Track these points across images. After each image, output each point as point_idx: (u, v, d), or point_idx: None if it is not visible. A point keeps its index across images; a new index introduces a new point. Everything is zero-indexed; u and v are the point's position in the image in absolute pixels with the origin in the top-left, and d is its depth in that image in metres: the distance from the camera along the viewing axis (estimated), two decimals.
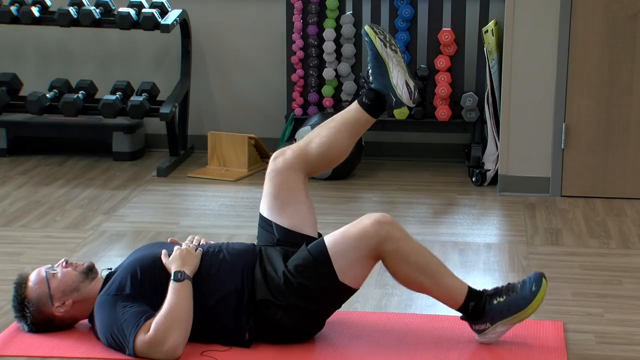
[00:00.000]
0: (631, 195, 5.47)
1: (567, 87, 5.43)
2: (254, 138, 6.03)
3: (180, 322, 3.41)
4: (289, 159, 3.64)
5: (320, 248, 3.48)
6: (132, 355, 3.40)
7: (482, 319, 3.54)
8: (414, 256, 3.50)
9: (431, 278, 3.51)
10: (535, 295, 3.50)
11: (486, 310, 3.53)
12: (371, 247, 3.48)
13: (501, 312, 3.52)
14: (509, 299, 3.52)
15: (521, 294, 3.52)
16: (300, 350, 3.53)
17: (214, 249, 3.63)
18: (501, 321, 3.53)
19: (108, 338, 3.47)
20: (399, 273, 3.54)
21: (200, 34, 6.43)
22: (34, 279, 3.58)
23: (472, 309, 3.53)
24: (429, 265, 3.52)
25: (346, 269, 3.47)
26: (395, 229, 3.50)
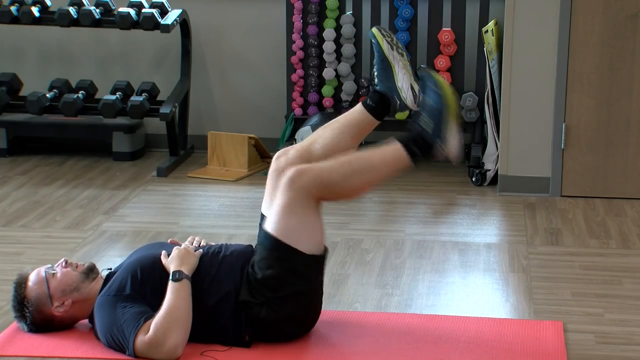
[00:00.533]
0: (631, 195, 5.47)
1: (567, 87, 5.43)
2: (254, 138, 6.03)
3: (180, 322, 3.41)
4: (292, 159, 3.61)
5: (266, 235, 3.48)
6: (133, 355, 3.40)
7: (432, 143, 3.49)
8: (336, 172, 3.47)
9: (367, 169, 3.50)
10: (440, 89, 3.48)
11: (425, 136, 3.49)
12: (302, 203, 3.45)
13: (436, 125, 3.48)
14: (428, 111, 3.49)
15: (431, 99, 3.49)
16: (300, 350, 3.53)
17: (214, 250, 3.64)
18: (444, 131, 3.48)
19: (108, 338, 3.47)
20: (342, 194, 3.54)
21: (200, 34, 6.43)
22: (34, 278, 3.58)
23: (420, 146, 3.50)
24: (354, 165, 3.49)
25: (298, 238, 3.45)
26: (306, 173, 3.45)
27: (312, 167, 3.49)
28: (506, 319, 3.85)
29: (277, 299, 3.47)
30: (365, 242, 4.75)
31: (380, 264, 4.47)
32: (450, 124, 3.52)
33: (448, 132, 3.51)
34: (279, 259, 3.46)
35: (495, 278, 4.33)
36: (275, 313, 3.47)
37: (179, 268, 3.51)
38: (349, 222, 5.08)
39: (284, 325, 3.52)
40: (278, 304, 3.47)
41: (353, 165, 3.52)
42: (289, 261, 3.46)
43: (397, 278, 4.29)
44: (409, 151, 3.53)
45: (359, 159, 3.55)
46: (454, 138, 3.53)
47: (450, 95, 3.53)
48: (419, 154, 3.53)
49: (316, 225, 3.51)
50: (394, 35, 3.70)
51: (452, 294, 4.16)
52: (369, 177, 3.54)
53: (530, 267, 4.43)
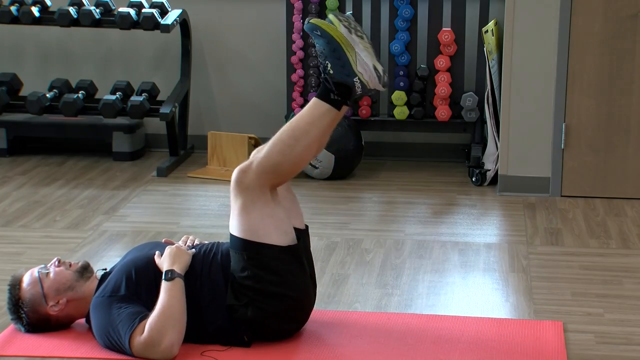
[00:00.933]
0: (631, 195, 5.47)
1: (567, 87, 5.43)
2: (254, 138, 6.03)
3: (174, 321, 3.41)
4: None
5: (233, 238, 3.50)
6: (131, 355, 3.40)
7: (344, 83, 3.45)
8: (275, 153, 3.46)
9: (300, 136, 3.46)
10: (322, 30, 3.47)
11: (335, 79, 3.44)
12: (256, 199, 3.46)
13: (338, 64, 3.44)
14: (324, 56, 3.46)
15: (319, 44, 3.47)
16: (300, 350, 3.53)
17: (206, 248, 3.63)
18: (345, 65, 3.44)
19: (105, 340, 3.47)
20: (290, 171, 3.51)
21: (200, 34, 6.43)
22: (27, 279, 3.59)
23: (334, 92, 3.46)
24: (286, 139, 3.47)
25: (264, 232, 3.45)
26: (248, 170, 3.47)
27: (252, 162, 3.49)
28: (506, 319, 3.85)
29: (260, 298, 3.46)
30: (365, 242, 4.75)
31: (380, 264, 4.47)
32: (350, 57, 3.47)
33: (352, 65, 3.47)
34: (250, 258, 3.46)
35: (495, 278, 4.33)
36: (262, 311, 3.47)
37: (171, 267, 3.51)
38: (349, 222, 5.08)
39: (274, 322, 3.51)
40: (262, 302, 3.46)
41: (285, 140, 3.48)
42: (260, 258, 3.45)
43: (397, 278, 4.29)
44: (328, 101, 3.47)
45: (288, 130, 3.49)
46: (361, 67, 3.48)
47: (335, 32, 3.49)
48: (339, 99, 3.48)
49: (278, 214, 3.49)
50: (351, 19, 3.58)
51: (452, 294, 4.16)
52: (305, 143, 3.47)
53: (530, 267, 4.43)
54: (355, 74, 3.48)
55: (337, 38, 3.50)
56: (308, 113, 3.50)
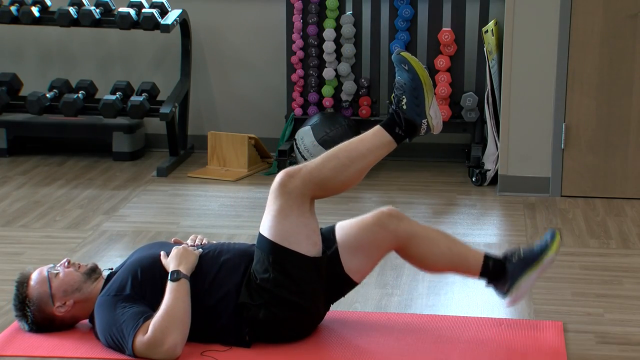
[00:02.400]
0: (631, 195, 5.47)
1: (567, 87, 5.43)
2: (254, 138, 6.03)
3: (178, 322, 3.41)
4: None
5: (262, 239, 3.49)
6: (132, 355, 3.40)
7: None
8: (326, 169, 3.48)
9: (356, 159, 3.50)
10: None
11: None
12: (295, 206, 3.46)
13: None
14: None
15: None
16: (300, 350, 3.53)
17: (215, 249, 3.63)
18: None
19: (107, 338, 3.47)
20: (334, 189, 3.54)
21: (200, 34, 6.43)
22: (36, 278, 3.58)
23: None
24: (342, 158, 3.50)
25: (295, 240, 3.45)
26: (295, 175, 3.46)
27: (301, 168, 3.49)
28: (506, 319, 3.85)
29: (275, 302, 3.46)
30: None
31: (380, 264, 4.46)
32: (427, 98, 3.53)
33: (426, 107, 3.54)
34: (275, 262, 3.46)
35: None
36: (274, 315, 3.47)
37: (177, 268, 3.51)
38: None
39: (282, 327, 3.52)
40: (276, 307, 3.47)
41: (341, 158, 3.51)
42: (284, 264, 3.45)
43: (397, 278, 4.29)
44: (392, 134, 3.55)
45: (346, 150, 3.53)
46: (433, 111, 3.56)
47: (422, 71, 3.54)
48: (402, 135, 3.56)
49: (311, 225, 3.51)
50: None
51: (452, 294, 4.15)
52: (358, 167, 3.53)
53: None
54: (425, 116, 3.56)
55: (422, 78, 3.56)
56: (369, 139, 3.56)
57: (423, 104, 3.54)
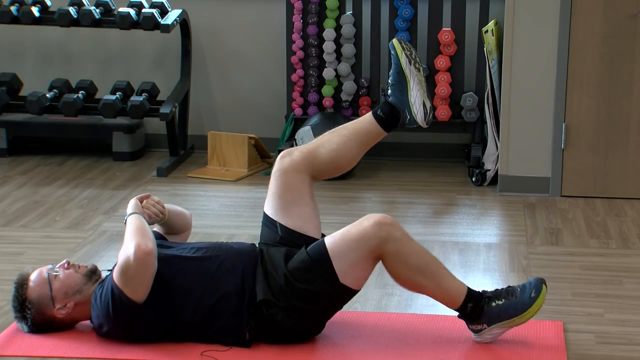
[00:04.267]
0: (631, 195, 5.47)
1: (567, 87, 5.43)
2: (254, 138, 6.03)
3: (134, 237, 3.43)
4: (296, 160, 3.63)
5: (320, 250, 3.48)
6: (120, 294, 3.40)
7: (479, 320, 3.54)
8: (414, 258, 3.50)
9: (431, 280, 3.51)
10: (534, 301, 3.51)
11: (484, 311, 3.53)
12: (371, 249, 3.47)
13: (499, 315, 3.52)
14: (508, 302, 3.53)
15: (520, 299, 3.52)
16: (301, 350, 3.53)
17: (213, 248, 3.63)
18: (498, 324, 3.53)
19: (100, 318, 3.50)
20: (398, 274, 3.54)
21: (200, 34, 6.43)
22: (36, 279, 3.58)
23: (470, 310, 3.53)
24: (428, 267, 3.52)
25: (347, 270, 3.46)
26: (396, 230, 3.50)
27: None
28: None
29: (299, 310, 3.47)
30: None
31: (380, 264, 4.46)
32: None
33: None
34: (323, 278, 3.46)
35: (495, 278, 4.33)
36: (291, 320, 3.47)
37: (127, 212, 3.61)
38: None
39: (290, 334, 3.53)
40: (298, 313, 3.47)
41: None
42: (328, 284, 3.46)
43: None
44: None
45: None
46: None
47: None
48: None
49: (367, 271, 3.53)
50: (414, 49, 3.69)
51: None
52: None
53: (530, 267, 4.43)
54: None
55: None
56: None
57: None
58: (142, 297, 3.43)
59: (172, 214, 3.83)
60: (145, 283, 3.42)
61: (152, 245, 3.44)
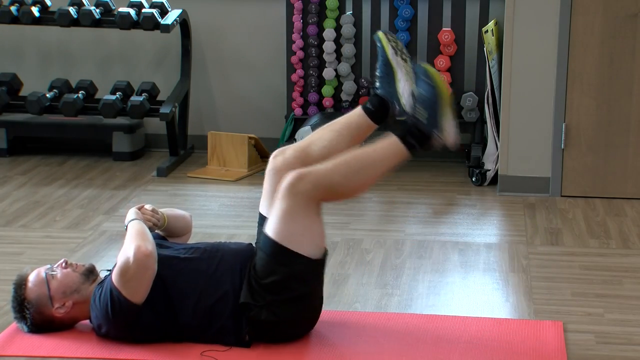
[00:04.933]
0: (631, 195, 5.47)
1: (567, 87, 5.43)
2: (254, 138, 6.03)
3: (134, 240, 3.45)
4: (289, 159, 3.62)
5: (268, 242, 3.47)
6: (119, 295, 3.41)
7: (428, 134, 3.50)
8: (337, 174, 3.46)
9: (367, 167, 3.49)
10: (433, 79, 3.48)
11: (421, 127, 3.50)
12: (303, 208, 3.44)
13: (431, 115, 3.48)
14: (422, 101, 3.49)
15: (423, 90, 3.49)
16: (301, 350, 3.53)
17: (211, 248, 3.63)
18: (439, 121, 3.49)
19: (99, 319, 3.50)
20: (343, 194, 3.53)
21: (200, 34, 6.43)
22: (34, 279, 3.58)
23: (415, 137, 3.51)
24: (353, 165, 3.48)
25: (301, 242, 3.45)
26: (306, 177, 3.44)
27: (312, 171, 3.48)
28: (506, 319, 3.85)
29: (278, 303, 3.46)
30: (365, 242, 4.75)
31: (380, 264, 4.47)
32: (445, 112, 3.52)
33: (443, 120, 3.52)
34: (282, 264, 3.45)
35: (495, 278, 4.33)
36: (276, 315, 3.47)
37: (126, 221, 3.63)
38: (349, 222, 5.08)
39: (283, 327, 3.52)
40: (279, 307, 3.47)
41: (352, 164, 3.51)
42: (291, 266, 3.45)
43: (397, 278, 4.29)
44: (406, 144, 3.54)
45: (358, 157, 3.54)
46: (449, 125, 3.55)
47: (442, 84, 3.54)
48: (416, 146, 3.55)
49: (318, 229, 3.51)
50: (399, 41, 3.67)
51: (452, 294, 4.16)
52: (370, 174, 3.54)
53: (530, 267, 4.43)
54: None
55: (442, 93, 3.54)
56: (383, 148, 3.55)
57: (440, 118, 3.54)
58: (141, 298, 3.43)
59: (171, 219, 3.85)
60: (144, 285, 3.43)
61: (152, 247, 3.45)
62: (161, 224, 3.78)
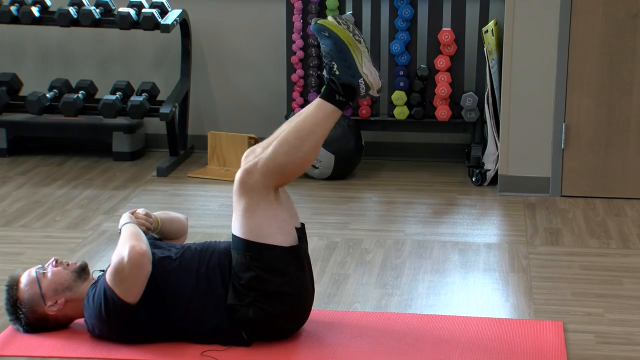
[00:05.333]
0: (631, 195, 5.47)
1: (567, 87, 5.43)
2: (254, 138, 6.03)
3: (128, 240, 3.46)
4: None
5: (236, 239, 3.49)
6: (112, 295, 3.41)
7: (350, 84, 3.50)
8: (280, 154, 3.46)
9: (305, 137, 3.47)
10: (330, 31, 3.49)
11: (341, 80, 3.50)
12: (260, 200, 3.45)
13: (344, 65, 3.48)
14: (331, 56, 3.50)
15: (326, 45, 3.51)
16: (301, 350, 3.53)
17: (203, 247, 3.63)
18: (354, 67, 3.49)
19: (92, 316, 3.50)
20: (294, 172, 3.52)
21: (200, 34, 6.43)
22: (25, 280, 3.60)
23: (339, 93, 3.50)
24: (292, 140, 3.47)
25: (268, 233, 3.45)
26: (253, 170, 3.46)
27: (256, 162, 3.48)
28: (506, 319, 3.85)
29: (262, 298, 3.46)
30: (365, 242, 4.75)
31: (380, 264, 4.47)
32: (356, 57, 3.51)
33: (358, 65, 3.51)
34: (254, 259, 3.46)
35: (495, 278, 4.33)
36: (263, 311, 3.47)
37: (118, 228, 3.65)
38: (349, 222, 5.08)
39: (274, 322, 3.51)
40: (264, 303, 3.46)
41: (291, 140, 3.48)
42: (263, 259, 3.45)
43: (397, 278, 4.29)
44: (333, 102, 3.52)
45: (294, 131, 3.50)
46: (367, 69, 3.53)
47: (343, 33, 3.51)
48: (344, 100, 3.53)
49: (281, 215, 3.50)
50: (350, 22, 3.59)
51: (452, 294, 4.16)
52: (311, 143, 3.49)
53: (530, 267, 4.43)
54: (360, 75, 3.53)
55: (345, 39, 3.53)
56: (313, 114, 3.53)
57: (354, 65, 3.52)
58: (134, 298, 3.43)
59: (165, 222, 3.86)
60: (138, 284, 3.43)
61: (147, 247, 3.46)
62: (154, 227, 3.79)
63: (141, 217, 3.74)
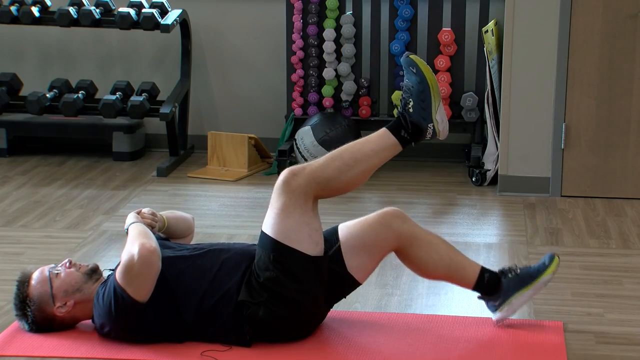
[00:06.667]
0: (631, 195, 5.47)
1: (567, 87, 5.43)
2: (254, 138, 6.03)
3: (137, 238, 3.46)
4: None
5: (264, 237, 3.49)
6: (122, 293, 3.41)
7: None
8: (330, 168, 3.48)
9: (360, 161, 3.51)
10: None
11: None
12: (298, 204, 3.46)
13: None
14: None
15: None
16: (301, 350, 3.53)
17: (215, 248, 3.63)
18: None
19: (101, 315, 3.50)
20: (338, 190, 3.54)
21: (200, 34, 6.43)
22: (37, 277, 3.59)
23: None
24: (346, 159, 3.50)
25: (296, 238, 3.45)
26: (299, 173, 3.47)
27: (305, 167, 3.50)
28: (506, 319, 3.85)
29: (274, 300, 3.46)
30: None
31: (380, 263, 4.46)
32: (435, 102, 3.54)
33: (434, 111, 3.54)
34: (276, 260, 3.45)
35: None
36: (273, 313, 3.47)
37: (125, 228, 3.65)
38: None
39: (282, 326, 3.52)
40: (275, 305, 3.46)
41: (345, 158, 3.51)
42: (286, 262, 3.45)
43: (397, 278, 4.29)
44: (399, 138, 3.56)
45: (351, 151, 3.53)
46: (440, 115, 3.57)
47: (430, 75, 3.54)
48: (409, 139, 3.57)
49: (314, 225, 3.51)
50: None
51: (452, 294, 4.15)
52: (363, 168, 3.53)
53: None
54: (432, 120, 3.56)
55: (430, 81, 3.56)
56: (374, 140, 3.58)
57: (430, 108, 3.55)
58: (145, 296, 3.43)
59: (172, 221, 3.86)
60: (148, 282, 3.43)
61: (156, 245, 3.46)
62: (161, 226, 3.79)
63: (147, 217, 3.74)
